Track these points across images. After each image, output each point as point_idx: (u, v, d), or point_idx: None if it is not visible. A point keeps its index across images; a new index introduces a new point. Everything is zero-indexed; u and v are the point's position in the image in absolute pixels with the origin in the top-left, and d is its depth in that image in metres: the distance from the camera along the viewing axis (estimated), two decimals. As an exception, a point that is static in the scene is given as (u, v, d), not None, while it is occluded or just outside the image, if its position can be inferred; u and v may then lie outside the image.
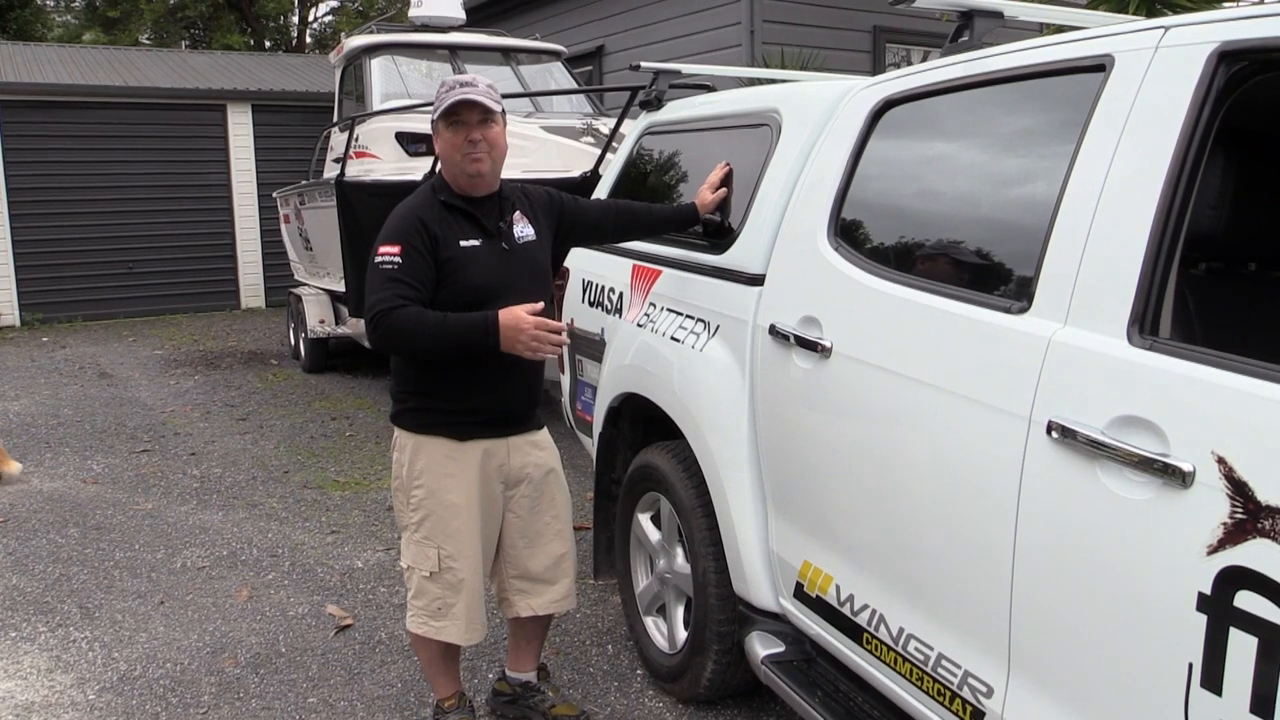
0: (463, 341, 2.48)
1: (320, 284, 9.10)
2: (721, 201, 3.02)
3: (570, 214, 2.92)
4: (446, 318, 2.46)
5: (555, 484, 2.86)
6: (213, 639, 3.69)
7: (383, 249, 2.52)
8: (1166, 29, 1.83)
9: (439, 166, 2.72)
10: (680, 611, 3.16)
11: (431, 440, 2.66)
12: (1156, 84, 1.79)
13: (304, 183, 9.30)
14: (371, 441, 6.57)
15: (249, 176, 13.35)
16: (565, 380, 4.00)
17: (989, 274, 2.11)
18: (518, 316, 2.45)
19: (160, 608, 3.97)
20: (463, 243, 2.59)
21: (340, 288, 7.98)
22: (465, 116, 2.56)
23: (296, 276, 10.17)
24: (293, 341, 9.69)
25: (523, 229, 2.73)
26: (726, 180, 3.02)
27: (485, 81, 2.61)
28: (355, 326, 8.21)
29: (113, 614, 3.92)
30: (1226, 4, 6.26)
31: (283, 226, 10.53)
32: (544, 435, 2.86)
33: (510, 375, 2.66)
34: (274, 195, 10.71)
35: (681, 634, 3.12)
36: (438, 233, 2.55)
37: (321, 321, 8.83)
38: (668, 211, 3.10)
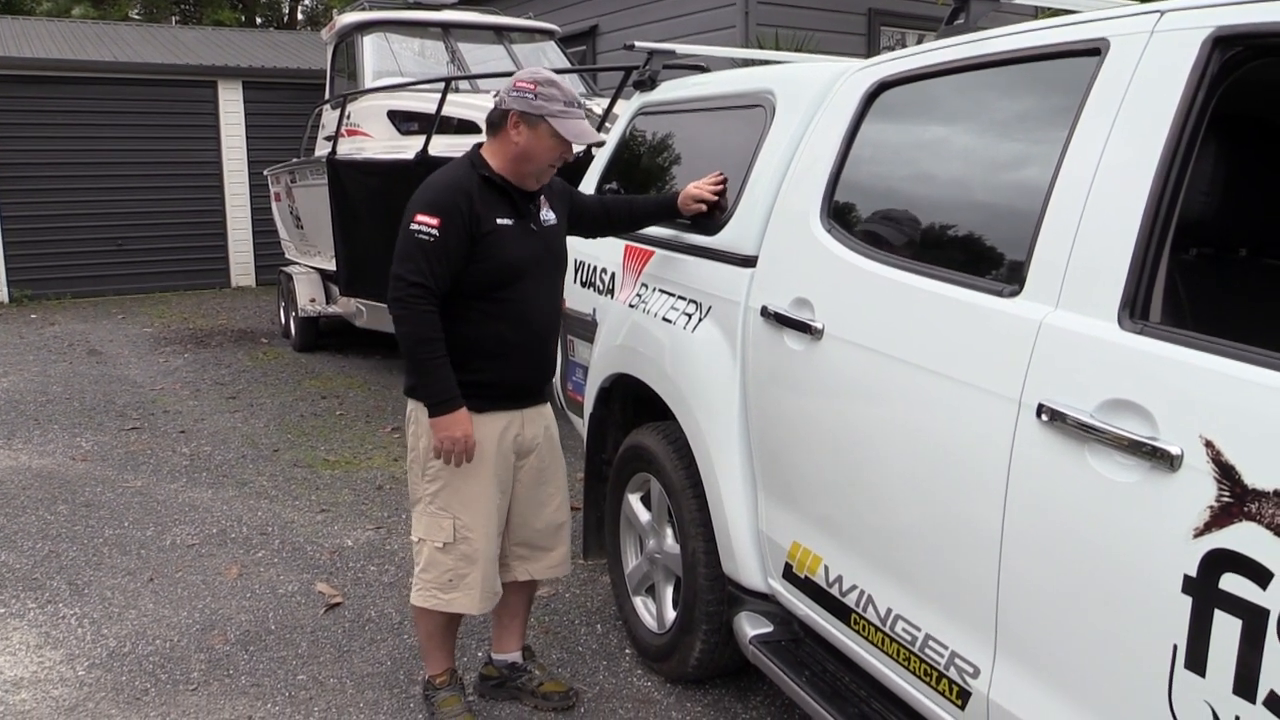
0: (426, 384, 2.61)
1: (311, 262, 9.07)
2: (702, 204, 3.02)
3: (577, 205, 3.02)
4: (433, 362, 2.56)
5: (558, 454, 2.95)
6: (202, 616, 3.69)
7: (422, 217, 2.54)
8: (1162, 13, 1.83)
9: (442, 151, 2.74)
10: (669, 591, 3.17)
11: None
12: (1151, 68, 1.79)
13: (295, 160, 9.25)
14: (362, 421, 6.57)
15: (240, 154, 13.26)
16: (557, 360, 3.99)
17: (981, 257, 2.12)
18: (452, 427, 2.60)
19: (150, 585, 3.97)
20: (499, 220, 2.63)
21: (331, 266, 7.97)
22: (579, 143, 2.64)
23: (287, 255, 10.12)
24: (283, 320, 9.66)
25: (546, 213, 2.80)
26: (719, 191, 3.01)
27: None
28: (346, 305, 8.19)
29: (102, 591, 3.92)
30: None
31: (273, 204, 10.48)
32: (549, 408, 2.93)
33: (530, 350, 2.73)
34: (265, 173, 10.65)
35: (670, 614, 3.14)
36: (479, 210, 2.59)
37: (312, 300, 8.79)
38: (648, 206, 3.15)
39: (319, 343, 9.01)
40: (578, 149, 2.76)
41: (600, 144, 2.72)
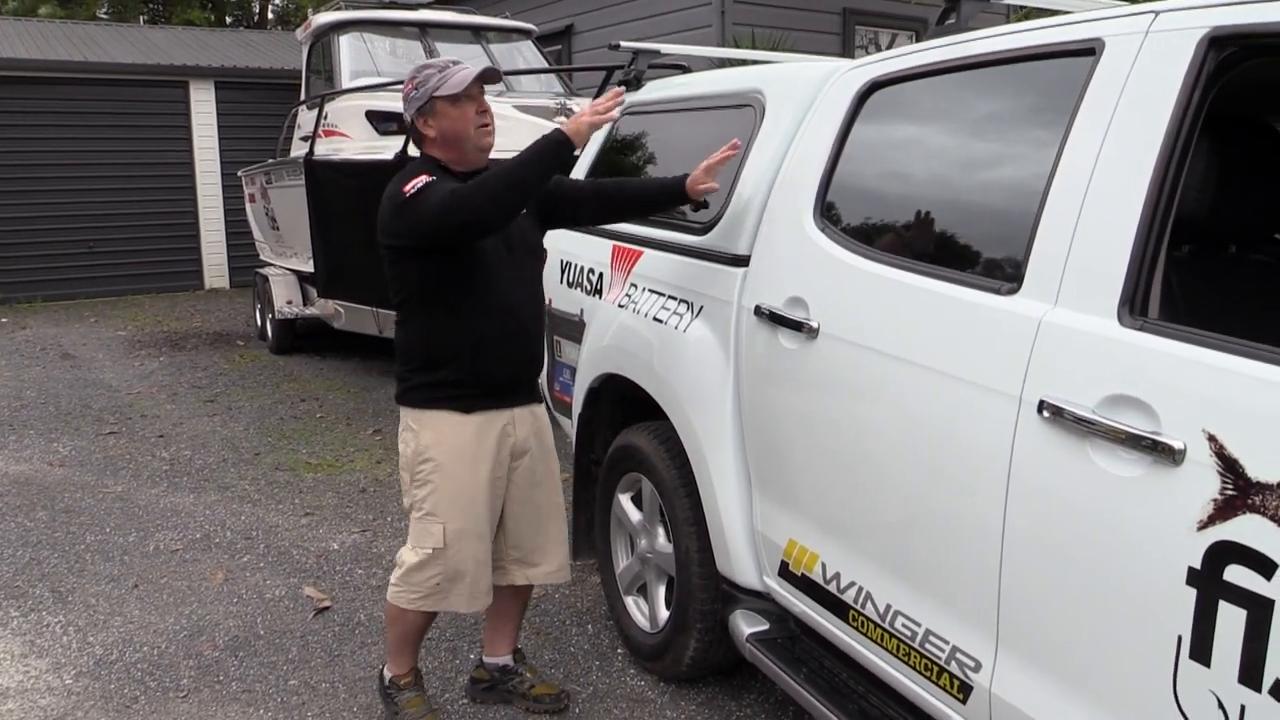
0: (535, 157, 2.50)
1: (287, 264, 9.00)
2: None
3: (549, 194, 2.86)
4: (506, 161, 2.49)
5: (551, 456, 2.92)
6: (189, 622, 3.66)
7: (413, 181, 2.51)
8: (1157, 13, 1.85)
9: (414, 147, 2.71)
10: (662, 591, 3.17)
11: (438, 414, 2.67)
12: (1147, 68, 1.81)
13: (270, 161, 9.18)
14: (342, 423, 6.53)
15: (212, 154, 13.13)
16: (544, 354, 3.99)
17: (978, 256, 2.13)
18: (579, 111, 2.60)
19: (134, 591, 3.93)
20: None
21: (308, 268, 7.90)
22: (474, 89, 2.60)
23: (262, 256, 10.04)
24: (259, 322, 9.58)
25: None
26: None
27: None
28: (324, 307, 8.13)
29: (86, 598, 3.87)
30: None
31: (248, 206, 10.39)
32: (543, 409, 2.90)
33: (511, 343, 2.70)
34: (239, 174, 10.56)
35: (663, 613, 3.14)
36: None
37: (289, 302, 8.73)
38: (651, 189, 2.95)
39: (296, 345, 8.94)
40: (547, 127, 2.75)
41: (497, 77, 2.67)
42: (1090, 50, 1.93)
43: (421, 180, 2.50)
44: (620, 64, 3.86)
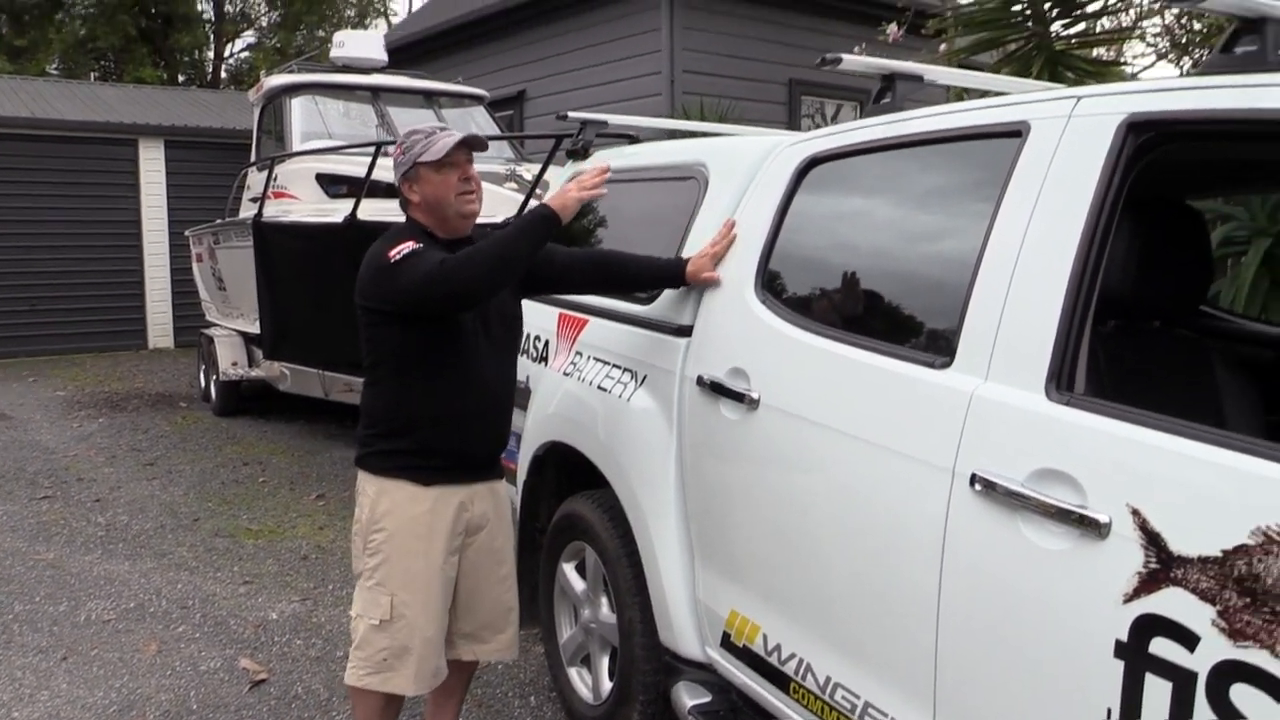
0: (525, 233, 2.54)
1: (233, 325, 8.91)
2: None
3: (537, 261, 2.75)
4: (494, 234, 2.52)
5: (509, 533, 2.87)
6: (120, 696, 3.54)
7: (399, 246, 2.47)
8: (1079, 99, 1.93)
9: (372, 215, 2.69)
10: (605, 662, 3.14)
11: (395, 483, 2.62)
12: (1070, 150, 1.88)
13: (219, 221, 9.13)
14: (285, 488, 6.42)
15: (160, 213, 13.04)
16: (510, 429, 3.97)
17: (913, 329, 2.18)
18: (564, 188, 2.62)
19: (63, 663, 3.81)
20: None
21: (255, 329, 7.84)
22: (457, 157, 2.59)
23: (208, 317, 9.94)
24: (203, 384, 9.44)
25: None
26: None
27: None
28: (270, 369, 8.05)
29: (11, 670, 3.74)
30: (1128, 65, 6.58)
31: (194, 266, 10.30)
32: (504, 485, 2.86)
33: (478, 416, 2.66)
34: (186, 234, 10.49)
35: (606, 684, 3.10)
36: None
37: (234, 364, 8.63)
38: (650, 270, 2.88)
39: (240, 407, 8.82)
40: (497, 192, 2.72)
41: (483, 145, 2.67)
42: (1017, 132, 2.00)
43: (408, 246, 2.48)
44: (569, 132, 3.91)
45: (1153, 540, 1.56)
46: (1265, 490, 1.46)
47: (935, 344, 2.06)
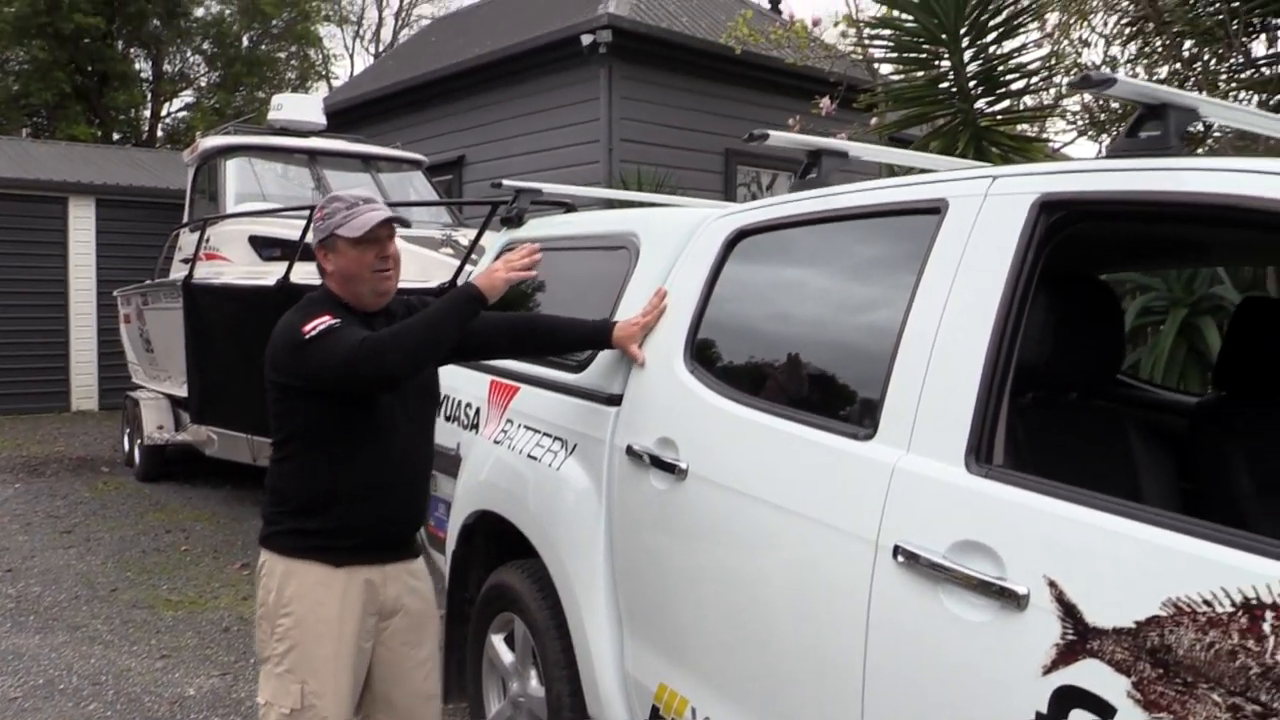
0: (451, 313, 2.46)
1: (160, 388, 8.73)
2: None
3: None
4: (420, 313, 2.45)
5: (430, 622, 2.72)
6: (21, 779, 3.38)
7: (314, 321, 2.38)
8: (994, 178, 1.99)
9: (303, 278, 2.63)
10: (534, 736, 3.07)
11: (304, 565, 2.49)
12: (986, 227, 1.93)
13: (148, 282, 8.98)
14: (209, 556, 6.24)
15: (88, 272, 12.79)
16: (427, 506, 3.91)
17: (838, 400, 2.20)
18: (492, 267, 2.57)
19: (-39, 745, 3.63)
20: None
21: (182, 392, 7.69)
22: (378, 233, 2.49)
23: (135, 379, 9.73)
24: (127, 448, 9.20)
25: None
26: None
27: (378, 196, 2.59)
28: (197, 433, 7.87)
29: (-95, 754, 3.56)
30: (1051, 141, 6.81)
31: (122, 326, 10.10)
32: (421, 565, 2.71)
33: (392, 494, 2.55)
34: (115, 294, 10.29)
35: (535, 760, 3.03)
36: None
37: (160, 427, 8.42)
38: (577, 332, 2.89)
39: (165, 472, 8.59)
40: (423, 274, 2.66)
41: (405, 224, 2.57)
42: (937, 209, 2.06)
43: (323, 322, 2.37)
44: (504, 199, 3.93)
45: (1069, 612, 1.58)
46: (1174, 562, 1.49)
47: (859, 415, 2.09)
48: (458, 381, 3.60)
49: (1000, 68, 5.31)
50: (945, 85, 5.31)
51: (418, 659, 2.68)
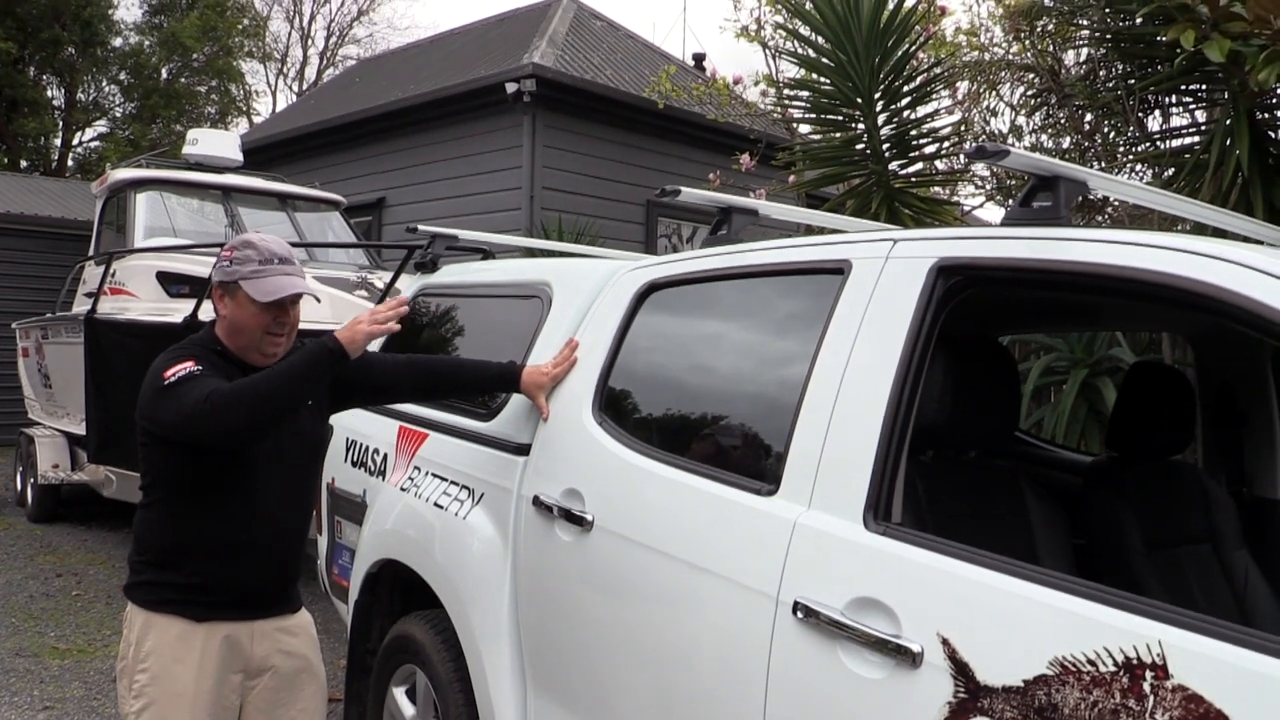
0: (306, 369, 2.28)
1: (58, 424, 8.42)
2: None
3: (354, 372, 2.59)
4: (274, 366, 2.28)
5: (307, 679, 2.56)
6: (-120, 842, 3.18)
7: (176, 367, 2.27)
8: (895, 241, 2.04)
9: (210, 315, 2.54)
10: (433, 793, 3.00)
11: (164, 619, 2.37)
12: (887, 289, 1.98)
13: (49, 315, 8.69)
14: (101, 602, 5.99)
15: (-15, 303, 12.32)
16: (323, 542, 3.83)
17: (742, 456, 2.22)
18: (355, 320, 2.34)
19: None
20: None
21: (80, 430, 7.42)
22: (286, 301, 2.40)
23: (31, 415, 9.36)
24: (19, 486, 8.83)
25: None
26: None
27: (290, 250, 2.47)
28: (94, 473, 7.59)
29: None
30: (961, 203, 7.03)
31: (20, 360, 9.73)
32: (299, 620, 2.57)
33: (263, 549, 2.43)
34: (13, 326, 9.93)
35: (434, 818, 2.96)
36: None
37: (55, 466, 8.10)
38: (484, 375, 2.86)
39: (59, 513, 8.26)
40: (336, 315, 2.54)
41: (316, 298, 2.50)
42: (840, 269, 2.10)
43: (184, 368, 2.27)
44: (420, 243, 3.91)
45: (961, 670, 1.60)
46: (1061, 620, 1.53)
47: (763, 471, 2.11)
48: (367, 427, 3.55)
49: (913, 131, 5.48)
50: (860, 146, 5.46)
51: (290, 718, 2.53)
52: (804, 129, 7.10)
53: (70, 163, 26.29)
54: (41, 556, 7.10)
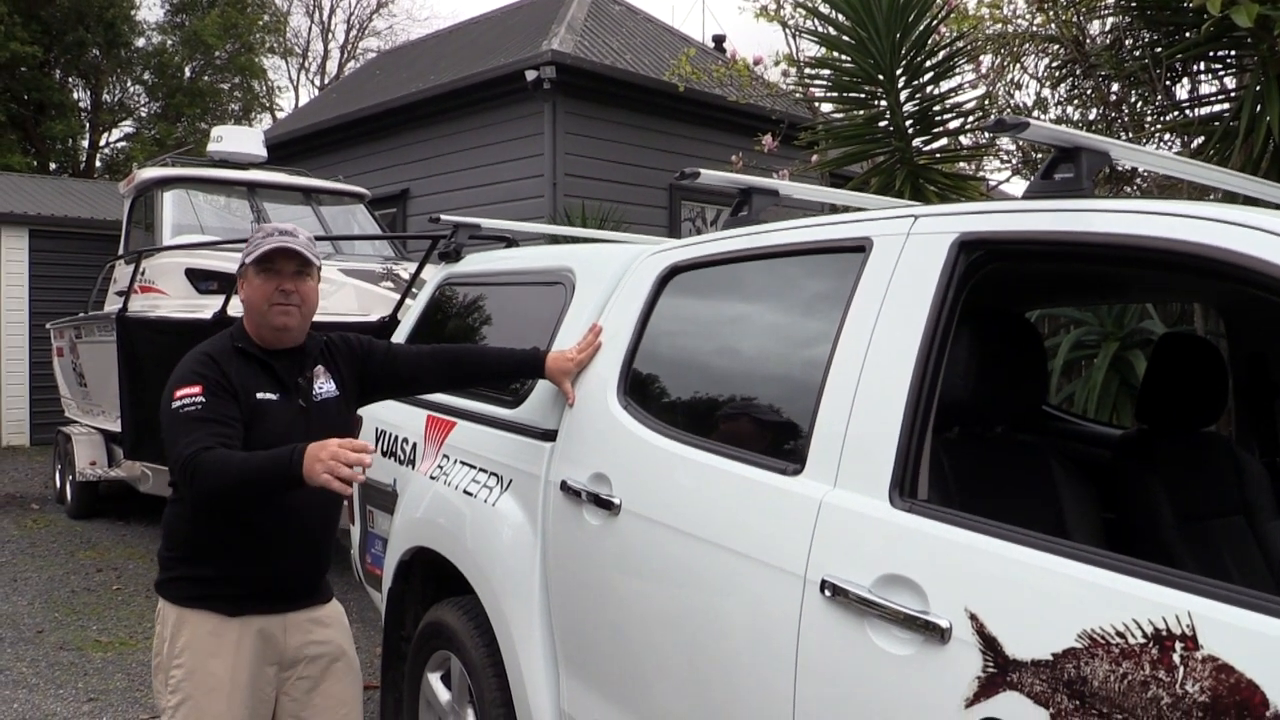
0: (266, 476, 2.21)
1: (94, 422, 8.54)
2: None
3: (380, 365, 2.69)
4: (252, 455, 2.24)
5: (342, 669, 2.59)
6: (-65, 832, 3.26)
7: (180, 392, 2.30)
8: (916, 218, 2.03)
9: (239, 311, 2.59)
10: (470, 777, 3.03)
11: (197, 614, 2.40)
12: (909, 265, 1.97)
13: (82, 315, 8.81)
14: (141, 595, 6.09)
15: (20, 304, 12.51)
16: (355, 532, 3.87)
17: (768, 436, 2.22)
18: (324, 443, 2.16)
19: (-128, 797, 3.49)
20: (258, 395, 2.40)
21: (116, 427, 7.54)
22: (280, 265, 2.42)
23: (68, 414, 9.51)
24: (58, 484, 8.97)
25: (323, 385, 2.55)
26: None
27: (306, 234, 2.50)
28: (130, 469, 7.70)
29: None
30: (987, 179, 6.97)
31: (55, 360, 9.89)
32: (331, 610, 2.60)
33: (291, 543, 2.46)
34: (48, 326, 10.07)
35: (471, 801, 2.99)
36: (236, 381, 2.37)
37: (92, 463, 8.23)
38: (509, 362, 2.85)
39: (98, 509, 8.39)
40: (362, 307, 2.55)
41: (293, 256, 2.44)
42: (861, 247, 2.09)
43: (189, 397, 2.28)
44: (444, 233, 3.93)
45: (990, 644, 1.60)
46: (1089, 594, 1.52)
47: (788, 451, 2.11)
48: (395, 417, 3.58)
49: (936, 107, 5.43)
50: (883, 124, 5.42)
51: (326, 707, 2.56)
52: (826, 108, 7.05)
53: (98, 164, 26.57)
54: (82, 552, 7.22)
